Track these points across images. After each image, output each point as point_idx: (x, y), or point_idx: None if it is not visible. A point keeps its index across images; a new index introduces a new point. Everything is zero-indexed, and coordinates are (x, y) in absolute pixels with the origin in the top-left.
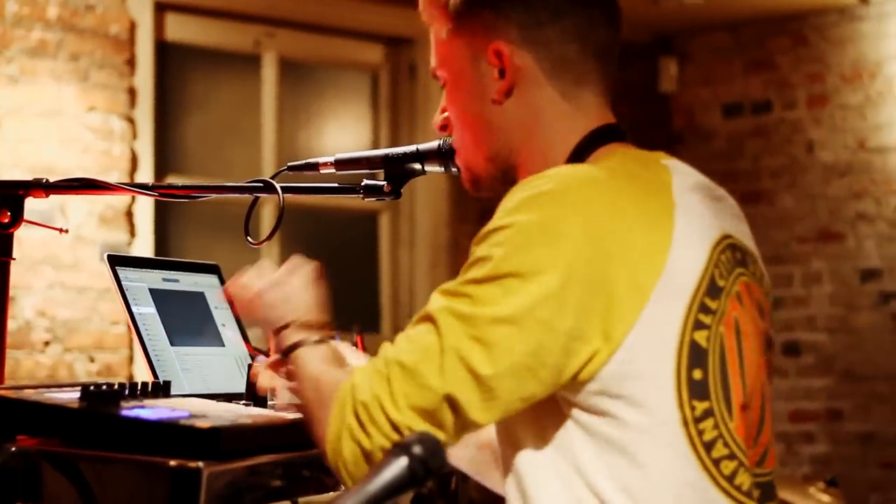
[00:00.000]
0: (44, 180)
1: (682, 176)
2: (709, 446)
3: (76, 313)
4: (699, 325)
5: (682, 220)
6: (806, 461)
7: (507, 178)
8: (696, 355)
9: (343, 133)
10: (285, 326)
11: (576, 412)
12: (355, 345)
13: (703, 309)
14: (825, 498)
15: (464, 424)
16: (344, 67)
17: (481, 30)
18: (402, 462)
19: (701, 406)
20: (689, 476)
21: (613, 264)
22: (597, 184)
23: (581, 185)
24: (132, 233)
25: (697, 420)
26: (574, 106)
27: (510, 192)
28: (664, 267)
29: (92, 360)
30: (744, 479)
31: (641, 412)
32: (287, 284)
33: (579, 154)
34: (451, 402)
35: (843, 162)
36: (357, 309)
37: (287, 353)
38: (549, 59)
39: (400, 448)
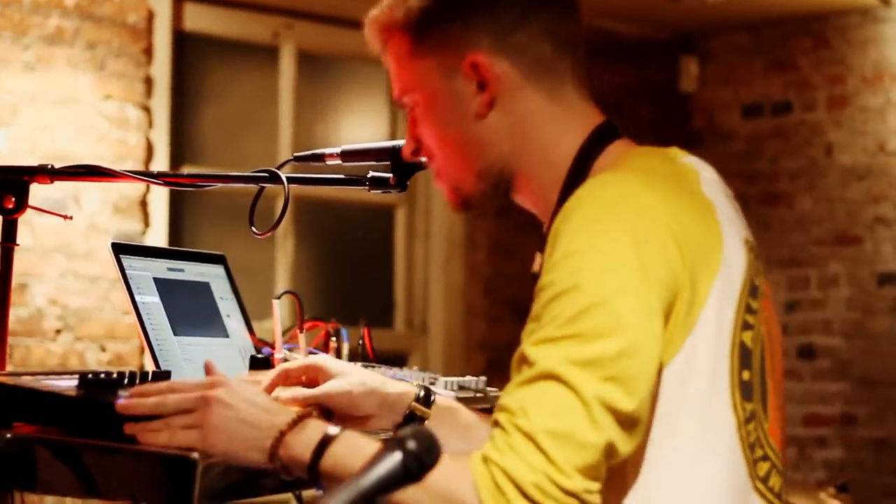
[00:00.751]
0: (49, 166)
1: (706, 173)
2: (752, 448)
3: (88, 302)
4: (746, 326)
5: (723, 219)
6: (819, 466)
7: (498, 190)
8: (744, 356)
9: (360, 126)
10: (281, 436)
11: None
12: (362, 338)
13: (748, 309)
14: (835, 503)
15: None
16: (362, 60)
17: (451, 45)
18: (395, 457)
19: (749, 407)
20: (738, 479)
21: (681, 266)
22: (649, 188)
23: (637, 191)
24: (146, 223)
25: (747, 422)
26: (562, 106)
27: (566, 213)
28: (719, 268)
29: (103, 349)
30: (776, 482)
31: (698, 416)
32: (237, 400)
33: (586, 155)
34: (610, 449)
35: (862, 165)
36: (371, 302)
37: (316, 459)
38: (526, 63)
39: (394, 443)
